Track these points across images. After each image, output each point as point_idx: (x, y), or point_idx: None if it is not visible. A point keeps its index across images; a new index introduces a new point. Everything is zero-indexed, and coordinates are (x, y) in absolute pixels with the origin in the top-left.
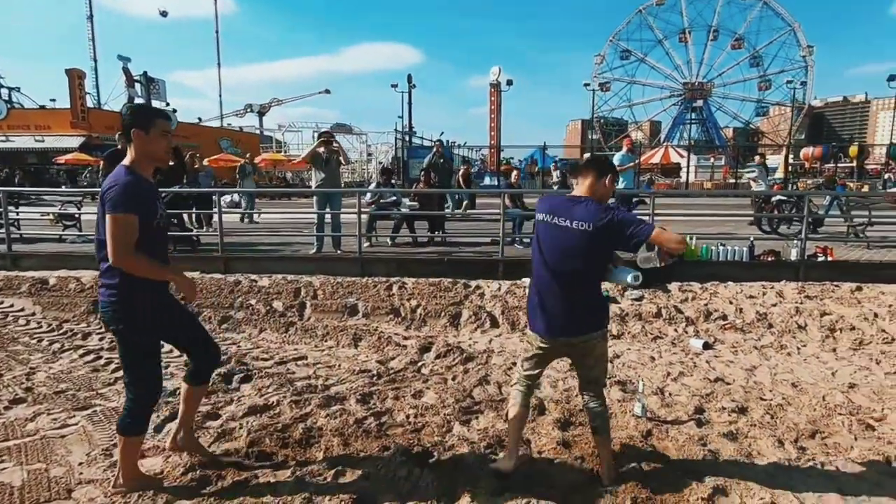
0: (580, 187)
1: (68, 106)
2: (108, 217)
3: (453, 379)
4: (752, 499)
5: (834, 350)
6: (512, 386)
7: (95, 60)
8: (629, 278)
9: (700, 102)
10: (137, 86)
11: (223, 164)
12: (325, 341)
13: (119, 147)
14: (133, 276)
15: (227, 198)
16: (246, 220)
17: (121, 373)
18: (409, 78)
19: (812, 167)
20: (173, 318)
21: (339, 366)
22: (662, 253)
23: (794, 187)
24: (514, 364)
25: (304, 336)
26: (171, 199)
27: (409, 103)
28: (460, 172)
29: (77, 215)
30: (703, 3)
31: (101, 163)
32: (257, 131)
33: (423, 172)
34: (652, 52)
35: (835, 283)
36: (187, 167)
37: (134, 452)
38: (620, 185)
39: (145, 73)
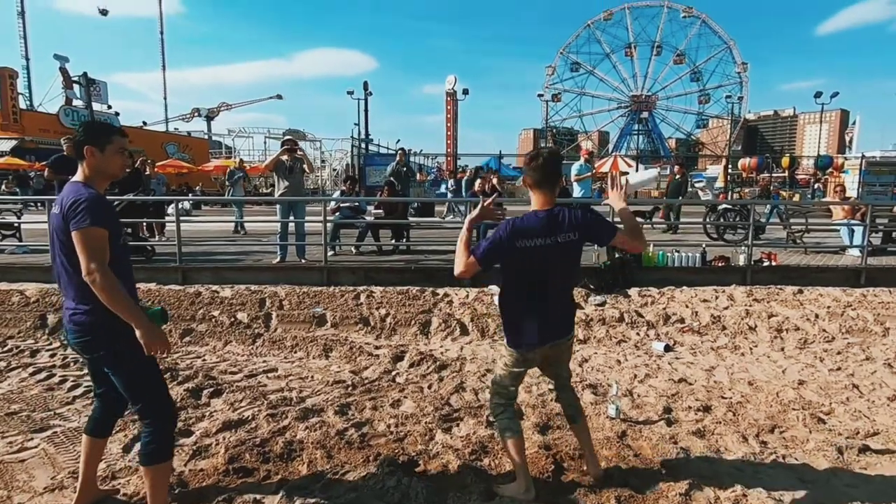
0: (543, 198)
1: None
2: (77, 233)
3: (429, 387)
4: (724, 492)
5: (782, 349)
6: (498, 416)
7: (28, 59)
8: None
9: (645, 114)
10: (76, 87)
11: (171, 170)
12: (295, 352)
13: (65, 152)
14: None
15: (179, 205)
16: (241, 230)
17: (79, 391)
18: (366, 85)
19: (749, 177)
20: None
21: (312, 377)
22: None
23: (737, 195)
24: (489, 370)
25: (272, 348)
26: (125, 207)
27: (366, 110)
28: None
29: (17, 224)
30: (646, 19)
31: (46, 170)
32: (205, 136)
33: (387, 181)
34: (600, 65)
35: (779, 286)
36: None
37: (167, 481)
38: (578, 193)
39: (85, 73)
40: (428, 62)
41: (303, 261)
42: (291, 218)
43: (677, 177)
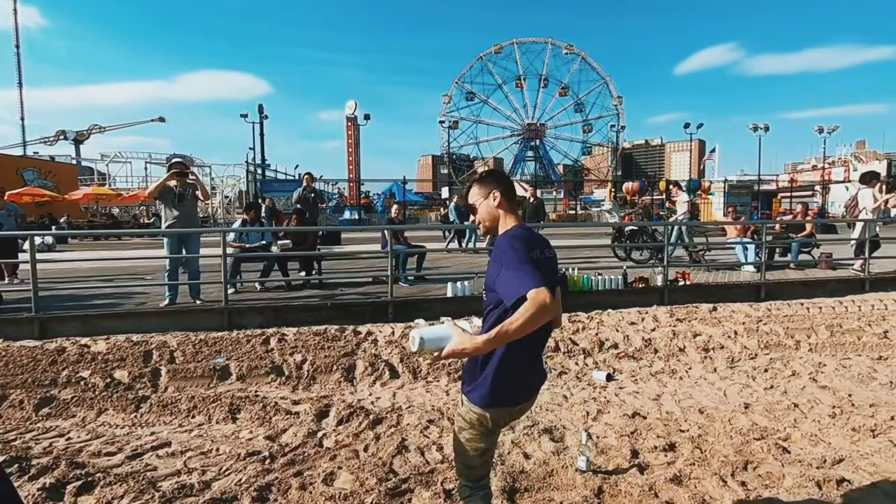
0: (515, 218)
1: None
2: None
3: (365, 450)
4: None
5: (715, 370)
6: (468, 499)
7: None
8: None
9: (537, 142)
10: None
11: (28, 199)
12: (193, 417)
13: None
14: None
15: (38, 240)
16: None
17: None
18: (261, 108)
19: (632, 199)
20: None
21: (218, 450)
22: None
23: (637, 217)
24: (431, 421)
25: (162, 413)
26: None
27: (262, 135)
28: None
29: None
30: (533, 54)
31: None
32: (74, 161)
33: (295, 208)
34: (493, 95)
35: (695, 304)
36: None
37: None
38: None
39: None
40: (325, 89)
41: (198, 302)
42: (183, 253)
43: (531, 200)
